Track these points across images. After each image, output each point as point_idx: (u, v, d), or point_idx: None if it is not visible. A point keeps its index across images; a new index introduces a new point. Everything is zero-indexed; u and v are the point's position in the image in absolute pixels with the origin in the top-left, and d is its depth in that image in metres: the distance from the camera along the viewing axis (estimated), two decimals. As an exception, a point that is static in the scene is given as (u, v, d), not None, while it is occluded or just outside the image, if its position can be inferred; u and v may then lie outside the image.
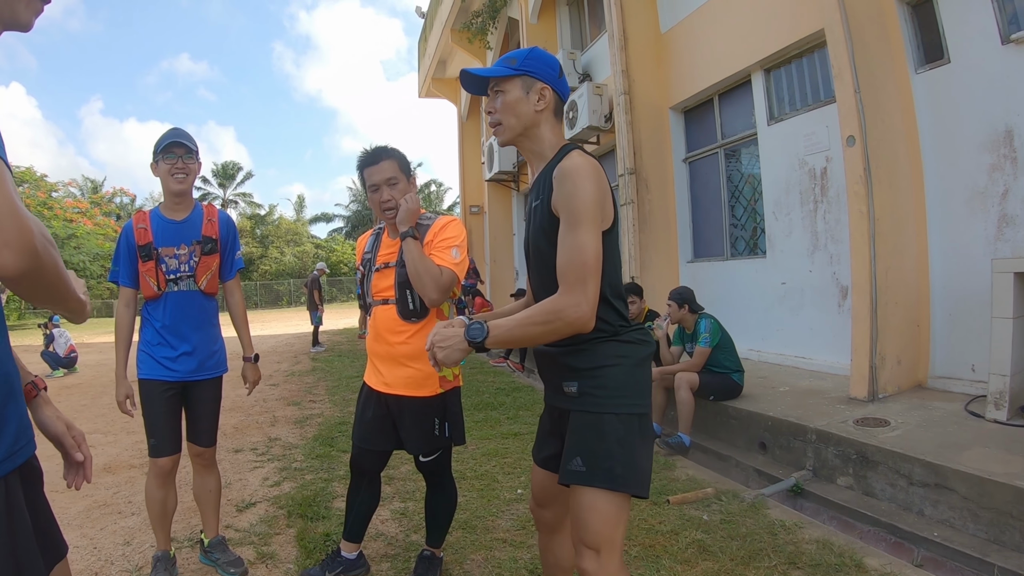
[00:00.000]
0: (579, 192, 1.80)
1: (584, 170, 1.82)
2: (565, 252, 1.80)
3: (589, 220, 1.80)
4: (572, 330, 1.79)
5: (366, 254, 3.07)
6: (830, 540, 3.38)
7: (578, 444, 1.89)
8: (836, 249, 6.30)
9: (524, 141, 2.05)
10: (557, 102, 2.04)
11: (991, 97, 4.80)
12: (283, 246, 48.53)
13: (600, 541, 1.82)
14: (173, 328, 3.12)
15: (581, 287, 1.76)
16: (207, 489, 3.37)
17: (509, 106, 1.99)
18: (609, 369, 1.91)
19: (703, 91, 8.16)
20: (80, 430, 1.76)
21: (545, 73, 2.00)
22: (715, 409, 5.50)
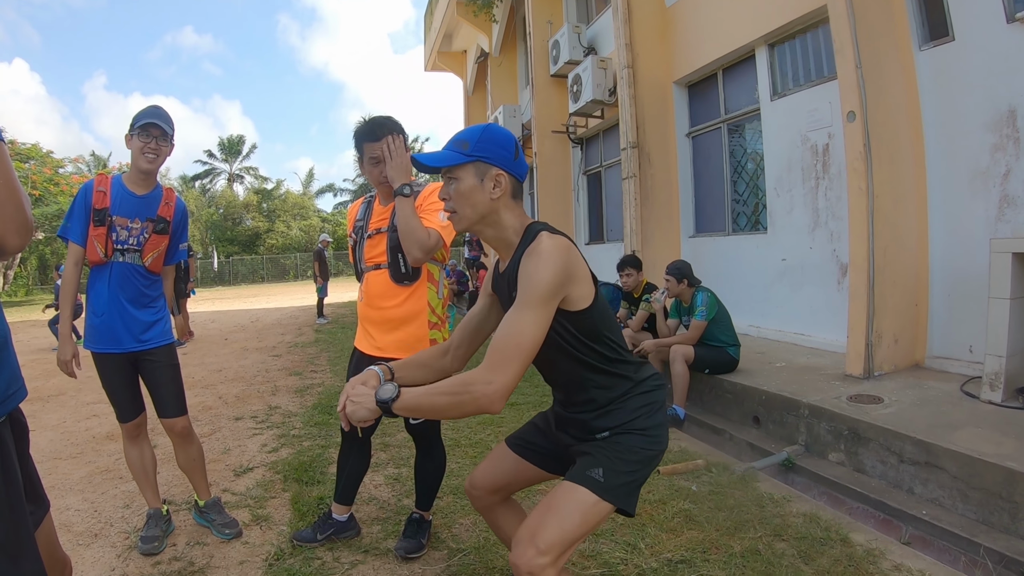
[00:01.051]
0: (538, 275, 1.77)
1: (549, 254, 1.80)
2: (503, 329, 1.80)
3: (539, 304, 1.77)
4: (477, 408, 1.75)
5: (358, 222, 3.10)
6: (818, 514, 3.40)
7: (603, 459, 1.94)
8: (837, 226, 6.28)
9: (484, 229, 1.99)
10: (514, 185, 1.97)
11: (995, 76, 4.75)
12: (289, 220, 48.53)
13: (557, 545, 1.81)
14: (115, 299, 3.13)
15: (503, 367, 1.74)
16: (190, 459, 3.43)
17: (463, 195, 1.93)
18: (637, 420, 2.00)
19: (707, 65, 8.10)
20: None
21: (500, 156, 1.93)
22: (710, 383, 5.53)
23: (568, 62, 10.81)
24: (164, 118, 3.10)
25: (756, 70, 7.39)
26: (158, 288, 3.30)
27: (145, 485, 3.36)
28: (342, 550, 3.14)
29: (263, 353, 10.03)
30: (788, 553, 2.98)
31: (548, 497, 1.93)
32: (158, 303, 3.30)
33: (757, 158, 7.64)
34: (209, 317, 17.04)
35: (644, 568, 2.85)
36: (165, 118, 3.11)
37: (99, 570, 3.03)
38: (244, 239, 47.77)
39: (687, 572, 2.81)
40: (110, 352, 3.15)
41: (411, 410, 1.84)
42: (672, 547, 3.03)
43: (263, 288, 36.77)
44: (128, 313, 3.14)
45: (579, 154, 12.47)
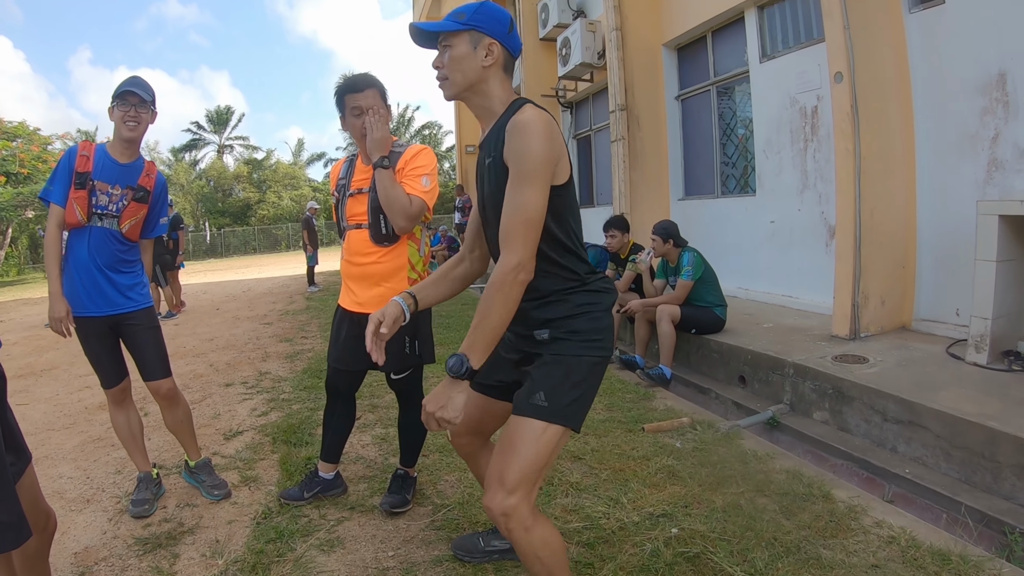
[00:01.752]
0: (530, 148, 1.79)
1: (537, 125, 1.81)
2: (509, 211, 1.82)
3: (537, 178, 1.80)
4: (520, 288, 1.81)
5: (340, 180, 3.11)
6: (801, 471, 3.44)
7: (543, 381, 1.93)
8: (825, 188, 6.27)
9: (471, 97, 2.02)
10: (507, 58, 2.00)
11: (985, 40, 4.71)
12: (280, 190, 48.23)
13: (522, 479, 1.84)
14: (92, 262, 3.14)
15: (522, 245, 1.79)
16: (177, 420, 3.47)
17: (456, 61, 1.96)
18: (580, 317, 1.97)
19: (696, 28, 8.02)
20: None
21: (494, 28, 1.96)
22: (697, 342, 5.57)
23: (557, 25, 10.70)
24: (141, 86, 3.11)
25: (745, 32, 7.31)
26: (135, 254, 3.32)
27: (134, 449, 3.40)
28: (328, 507, 3.18)
29: (254, 321, 10.04)
30: (770, 508, 3.02)
31: (503, 436, 1.95)
32: (135, 267, 3.31)
33: (746, 121, 7.60)
34: (201, 289, 16.98)
35: (625, 522, 2.89)
36: (143, 86, 3.12)
37: (91, 534, 3.07)
38: (235, 211, 47.48)
39: (668, 526, 2.84)
40: (89, 316, 3.17)
41: (487, 347, 1.82)
42: (654, 502, 3.07)
43: (255, 259, 36.66)
44: (105, 277, 3.16)
45: (568, 118, 12.39)
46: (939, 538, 2.71)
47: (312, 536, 2.91)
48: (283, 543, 2.84)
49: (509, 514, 1.82)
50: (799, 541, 2.70)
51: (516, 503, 1.82)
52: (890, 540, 2.70)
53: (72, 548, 2.94)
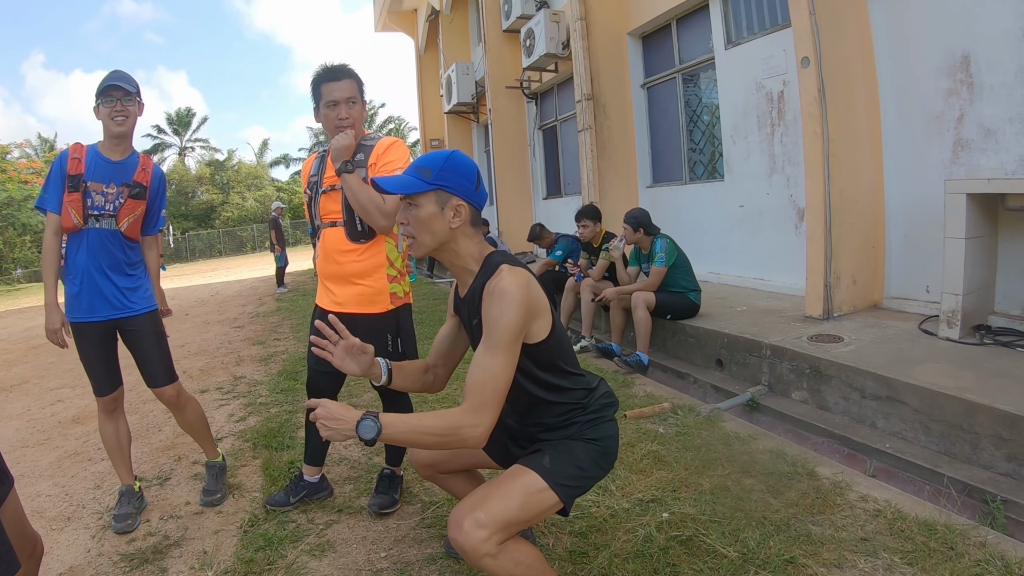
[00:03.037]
0: (503, 318, 1.80)
1: (512, 293, 1.82)
2: (478, 372, 1.82)
3: (507, 346, 1.81)
4: (463, 446, 1.81)
5: (312, 177, 3.05)
6: (784, 450, 3.49)
7: (550, 451, 1.99)
8: (793, 172, 6.34)
9: (442, 254, 2.02)
10: (474, 214, 2.00)
11: (949, 22, 4.77)
12: (244, 191, 47.65)
13: (499, 524, 1.81)
14: (92, 266, 3.08)
15: (484, 410, 1.79)
16: (187, 423, 3.44)
17: (422, 223, 1.94)
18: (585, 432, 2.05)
19: (660, 16, 8.04)
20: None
21: (461, 186, 1.94)
22: (673, 328, 5.60)
23: (520, 16, 10.67)
24: (124, 78, 3.06)
25: (710, 19, 7.35)
26: (136, 254, 3.25)
27: (119, 461, 3.32)
28: (316, 511, 3.15)
29: (225, 325, 9.93)
30: (757, 488, 3.06)
31: (497, 477, 1.97)
32: (137, 269, 3.25)
33: (712, 107, 7.65)
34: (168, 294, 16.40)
35: (616, 509, 2.90)
36: (125, 78, 3.07)
37: (75, 553, 3.00)
38: (198, 213, 46.85)
39: (658, 511, 2.86)
40: (88, 321, 3.11)
41: (396, 442, 1.84)
42: (643, 487, 3.09)
43: (221, 262, 36.22)
44: (106, 280, 3.09)
45: (534, 109, 12.39)
46: (924, 509, 2.76)
47: (302, 541, 2.88)
48: (273, 550, 2.81)
49: (477, 548, 1.77)
50: (788, 519, 2.74)
51: (483, 538, 1.78)
52: (876, 513, 2.75)
53: (56, 568, 2.87)
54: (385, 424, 1.77)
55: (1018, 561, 2.33)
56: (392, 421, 1.79)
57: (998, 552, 2.39)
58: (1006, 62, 4.41)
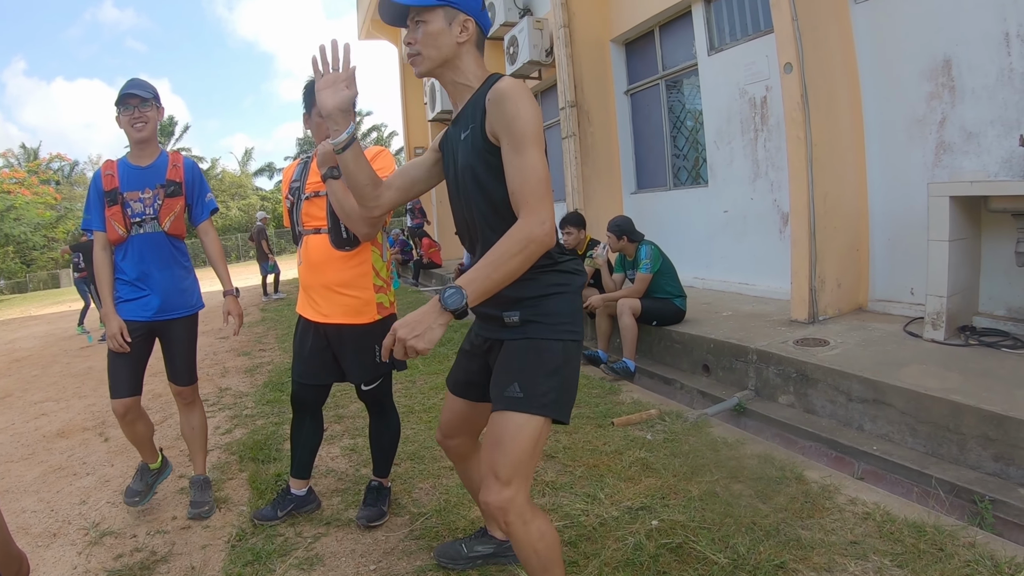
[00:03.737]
0: (521, 112, 1.76)
1: (522, 91, 1.80)
2: (519, 174, 1.76)
3: (536, 139, 1.78)
4: (543, 250, 1.75)
5: (294, 183, 3.01)
6: (771, 455, 3.50)
7: (516, 370, 1.89)
8: (777, 176, 6.38)
9: (446, 72, 1.99)
10: (479, 34, 1.99)
11: (930, 27, 4.83)
12: (227, 200, 47.39)
13: (514, 472, 1.82)
14: (139, 269, 3.19)
15: (541, 204, 1.74)
16: (190, 427, 3.49)
17: (430, 37, 1.92)
18: (551, 298, 1.93)
19: (643, 23, 8.08)
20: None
21: (468, 4, 1.94)
22: (659, 334, 5.61)
23: (504, 24, 10.67)
24: (140, 85, 3.15)
25: (693, 26, 7.39)
26: (184, 253, 3.36)
27: (139, 448, 3.45)
28: (304, 524, 3.12)
29: (210, 336, 9.83)
30: (745, 493, 3.06)
31: (488, 432, 1.93)
32: (186, 268, 3.37)
33: (696, 113, 7.69)
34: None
35: (605, 517, 2.89)
36: (141, 85, 3.16)
37: (61, 570, 2.95)
38: (182, 222, 46.52)
39: (648, 518, 2.85)
40: (130, 320, 3.18)
41: (487, 293, 1.71)
42: (631, 495, 3.09)
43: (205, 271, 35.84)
44: (157, 281, 3.22)
45: (519, 117, 12.36)
46: (912, 511, 2.78)
47: (290, 555, 2.84)
48: (261, 565, 2.77)
49: (507, 507, 1.81)
50: (777, 524, 2.74)
51: (512, 495, 1.82)
52: (865, 516, 2.76)
53: (42, 585, 2.83)
54: (466, 283, 1.68)
55: (1007, 560, 2.34)
56: (470, 276, 1.69)
57: (987, 552, 2.40)
58: (987, 65, 4.47)
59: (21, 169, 37.09)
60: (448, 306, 1.64)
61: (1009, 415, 3.06)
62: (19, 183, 32.16)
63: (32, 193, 32.30)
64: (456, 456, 2.43)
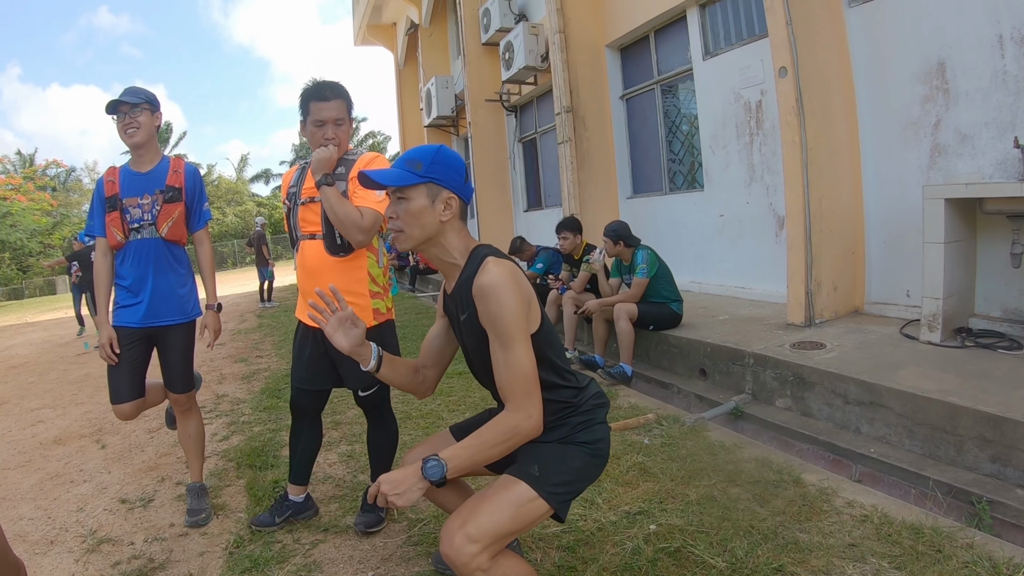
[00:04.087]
0: (504, 310, 1.79)
1: (503, 285, 1.80)
2: (506, 369, 1.82)
3: (519, 334, 1.81)
4: (527, 440, 1.86)
5: (291, 188, 3.02)
6: (769, 458, 3.50)
7: (540, 457, 1.95)
8: (772, 180, 6.39)
9: (430, 248, 2.00)
10: (463, 208, 2.00)
11: (924, 30, 4.85)
12: (224, 206, 47.40)
13: (489, 536, 1.80)
14: (136, 275, 3.21)
15: (529, 399, 1.82)
16: (187, 434, 3.49)
17: (413, 216, 1.92)
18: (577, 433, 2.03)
19: (639, 28, 8.10)
20: None
21: (451, 180, 1.94)
22: (655, 339, 5.61)
23: (499, 29, 10.70)
24: (128, 92, 3.18)
25: (688, 31, 7.42)
26: (181, 260, 3.36)
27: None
28: (302, 531, 3.11)
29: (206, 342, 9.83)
30: (743, 497, 3.06)
31: (486, 488, 1.93)
32: (183, 275, 3.37)
33: (691, 117, 7.71)
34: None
35: (603, 522, 2.89)
36: (130, 91, 3.19)
37: (58, 577, 2.95)
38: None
39: (646, 523, 2.86)
40: (127, 326, 3.21)
41: (465, 471, 1.89)
42: (629, 500, 3.09)
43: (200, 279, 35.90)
44: (151, 288, 3.22)
45: (514, 122, 12.43)
46: (910, 513, 2.79)
47: (288, 562, 2.84)
48: (259, 572, 2.77)
49: (467, 562, 1.76)
50: (775, 527, 2.74)
51: (474, 553, 1.77)
52: (863, 519, 2.76)
53: (39, 594, 2.82)
54: (448, 458, 1.81)
55: (1006, 561, 2.35)
56: (454, 453, 1.82)
57: (986, 553, 2.41)
58: (981, 67, 4.49)
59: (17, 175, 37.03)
60: (427, 477, 1.80)
61: (1006, 416, 3.06)
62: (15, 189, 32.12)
63: (28, 199, 32.24)
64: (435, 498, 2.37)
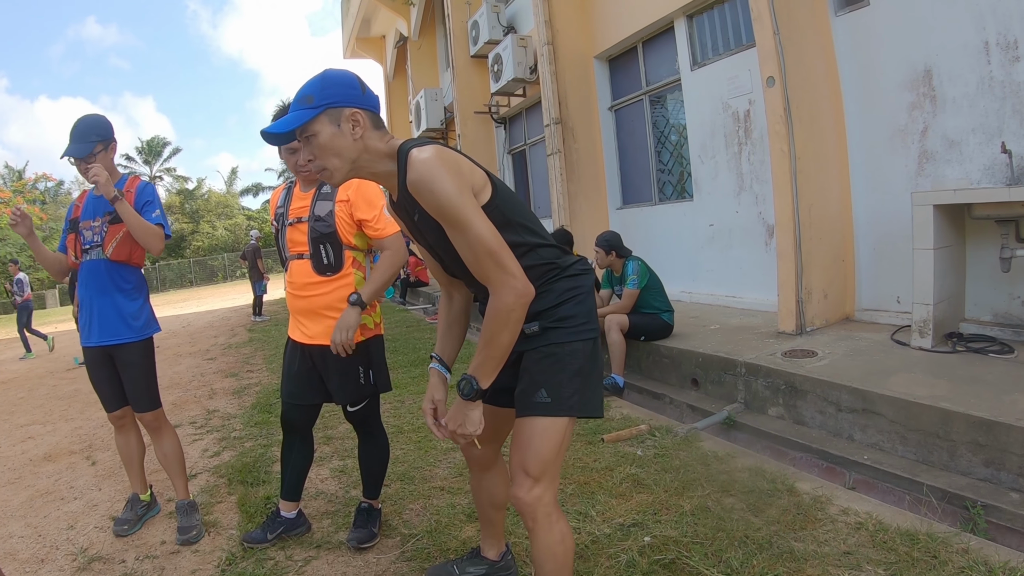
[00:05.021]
0: (441, 195, 1.72)
1: (431, 172, 1.73)
2: (469, 254, 1.78)
3: (467, 212, 1.74)
4: (526, 304, 1.79)
5: (279, 209, 3.05)
6: (762, 468, 3.50)
7: (541, 377, 1.94)
8: (761, 189, 6.42)
9: (362, 171, 1.90)
10: (372, 118, 1.88)
11: (911, 37, 4.89)
12: (214, 220, 47.31)
13: (544, 469, 1.90)
14: (85, 295, 3.29)
15: (503, 272, 1.76)
16: (162, 453, 3.53)
17: (326, 148, 1.83)
18: (565, 304, 1.98)
19: (627, 39, 8.14)
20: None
21: (348, 95, 1.84)
22: (647, 349, 5.60)
23: (488, 42, 10.75)
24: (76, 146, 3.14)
25: (676, 41, 7.46)
26: (129, 280, 3.37)
27: (129, 471, 3.62)
28: (294, 548, 3.09)
29: (197, 357, 9.80)
30: (737, 507, 3.05)
31: (516, 436, 1.97)
32: (130, 295, 3.37)
33: (680, 128, 7.74)
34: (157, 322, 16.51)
35: (597, 535, 2.87)
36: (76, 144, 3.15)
37: (47, 596, 2.91)
38: (169, 243, 45.97)
39: (640, 535, 2.84)
40: (88, 345, 3.33)
41: (493, 371, 1.87)
42: (623, 511, 3.07)
43: (192, 292, 35.86)
44: (97, 307, 3.28)
45: (503, 133, 12.46)
46: (905, 519, 2.79)
47: (280, 579, 2.81)
48: (251, 588, 2.74)
49: (536, 504, 1.89)
50: (770, 536, 2.73)
51: (541, 493, 1.90)
52: (858, 526, 2.76)
53: (28, 614, 2.79)
54: (473, 369, 1.87)
55: (1001, 565, 2.35)
56: (475, 363, 1.87)
57: (981, 558, 2.41)
58: (967, 74, 4.52)
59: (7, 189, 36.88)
60: (465, 396, 1.89)
61: (998, 420, 3.07)
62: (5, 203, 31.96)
63: (18, 214, 32.13)
64: (478, 465, 2.42)
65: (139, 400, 3.38)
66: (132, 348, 3.33)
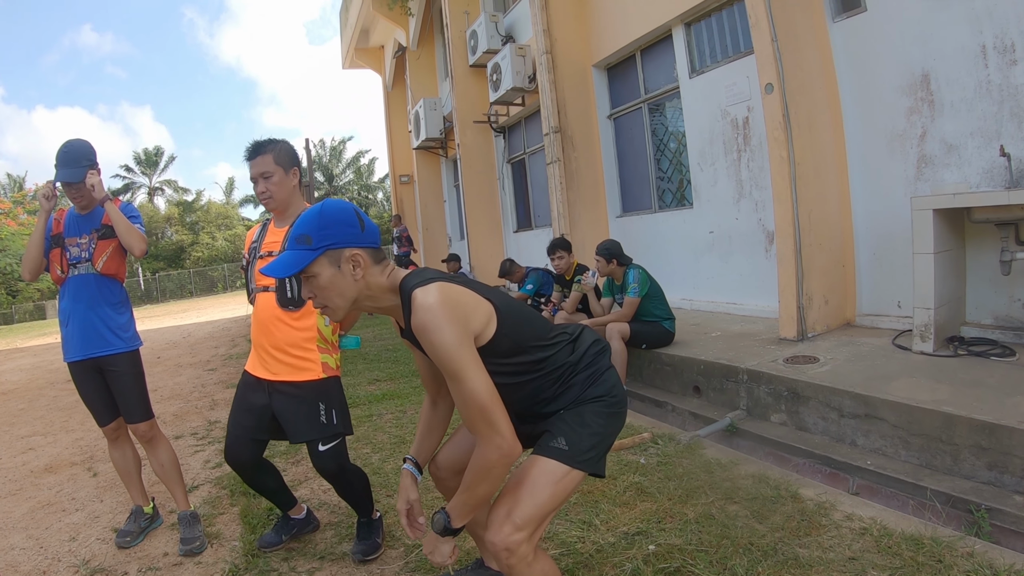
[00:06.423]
0: (440, 348, 1.73)
1: (432, 321, 1.73)
2: (460, 402, 1.79)
3: (464, 366, 1.74)
4: (509, 463, 1.80)
5: (253, 243, 3.09)
6: (766, 474, 3.49)
7: (563, 427, 1.97)
8: (761, 196, 6.43)
9: (364, 305, 1.93)
10: (372, 254, 1.88)
11: (908, 42, 4.92)
12: (214, 231, 47.31)
13: (533, 519, 1.86)
14: (72, 309, 3.34)
15: (492, 427, 1.76)
16: (158, 464, 3.54)
17: (328, 289, 1.84)
18: (588, 390, 2.02)
19: (625, 47, 8.19)
20: None
21: (347, 235, 1.84)
22: (648, 357, 5.61)
23: (487, 51, 10.79)
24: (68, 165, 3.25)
25: (674, 49, 7.50)
26: (117, 293, 3.46)
27: (127, 484, 3.62)
28: (298, 559, 3.08)
29: (198, 368, 9.77)
30: (741, 514, 3.04)
31: (517, 474, 1.95)
32: (118, 308, 3.45)
33: (679, 135, 7.77)
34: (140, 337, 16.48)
35: (602, 544, 2.87)
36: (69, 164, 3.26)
37: (48, 608, 2.90)
38: (168, 254, 46.40)
39: (644, 543, 2.83)
40: (75, 360, 3.36)
41: (468, 515, 1.92)
42: (627, 520, 3.07)
43: (192, 303, 35.79)
44: (88, 320, 3.32)
45: (502, 143, 12.49)
46: (909, 524, 2.78)
47: (284, 590, 2.80)
48: (255, 600, 2.73)
49: (513, 550, 1.83)
50: (775, 543, 2.72)
51: (521, 540, 1.84)
52: (862, 532, 2.75)
53: (30, 626, 2.77)
54: (450, 508, 1.92)
55: (1007, 568, 2.34)
56: (453, 503, 1.91)
57: (986, 561, 2.40)
58: (965, 78, 4.54)
59: (7, 200, 36.98)
60: (437, 531, 1.94)
61: (1001, 423, 3.08)
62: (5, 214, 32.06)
63: (18, 224, 32.16)
64: (444, 489, 2.41)
65: (132, 411, 3.42)
66: (122, 358, 3.40)
